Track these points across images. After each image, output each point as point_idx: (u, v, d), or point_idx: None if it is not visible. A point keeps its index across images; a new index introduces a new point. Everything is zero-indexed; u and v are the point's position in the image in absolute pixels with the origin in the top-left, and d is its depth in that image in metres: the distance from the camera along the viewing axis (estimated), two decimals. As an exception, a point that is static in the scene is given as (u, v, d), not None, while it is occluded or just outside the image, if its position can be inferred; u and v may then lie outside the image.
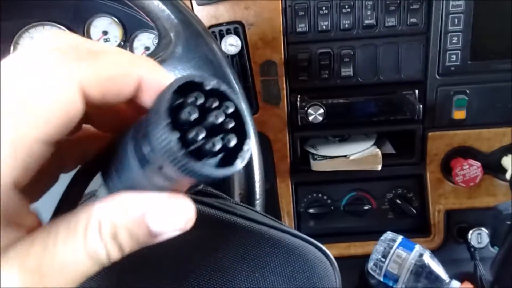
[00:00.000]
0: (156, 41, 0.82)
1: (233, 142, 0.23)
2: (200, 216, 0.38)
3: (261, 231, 0.39)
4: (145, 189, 0.23)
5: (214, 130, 0.23)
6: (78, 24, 0.85)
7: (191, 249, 0.38)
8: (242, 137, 0.24)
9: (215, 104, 0.23)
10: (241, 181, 0.48)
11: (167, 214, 0.23)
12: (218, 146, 0.22)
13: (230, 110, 0.23)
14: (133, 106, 0.25)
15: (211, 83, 0.23)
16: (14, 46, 0.84)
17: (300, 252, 0.38)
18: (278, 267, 0.37)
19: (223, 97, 0.24)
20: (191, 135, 0.21)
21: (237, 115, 0.24)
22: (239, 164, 0.23)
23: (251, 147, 0.23)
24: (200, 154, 0.22)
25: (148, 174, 0.23)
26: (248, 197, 0.49)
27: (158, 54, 0.48)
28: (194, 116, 0.22)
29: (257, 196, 0.49)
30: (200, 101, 0.23)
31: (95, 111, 0.24)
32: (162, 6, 0.48)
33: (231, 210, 0.39)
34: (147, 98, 0.24)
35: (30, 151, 0.21)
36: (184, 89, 0.23)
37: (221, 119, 0.23)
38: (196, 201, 0.39)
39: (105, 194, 0.27)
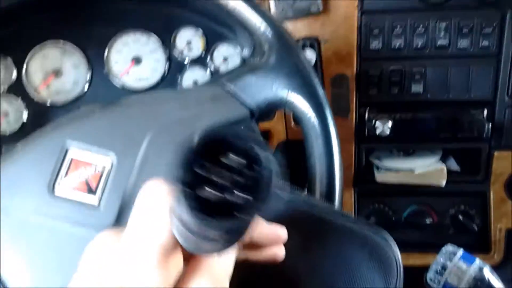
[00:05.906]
0: (239, 51, 0.89)
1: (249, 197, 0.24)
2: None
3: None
4: None
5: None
6: (166, 33, 0.92)
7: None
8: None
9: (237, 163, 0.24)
10: (322, 186, 0.53)
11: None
12: (239, 200, 0.23)
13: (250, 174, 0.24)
14: None
15: (240, 147, 0.24)
16: (108, 50, 0.91)
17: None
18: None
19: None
20: (207, 193, 0.23)
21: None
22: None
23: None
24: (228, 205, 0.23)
25: None
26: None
27: (252, 63, 0.55)
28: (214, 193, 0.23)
29: (337, 199, 0.53)
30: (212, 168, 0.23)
31: None
32: (260, 21, 0.54)
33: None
34: None
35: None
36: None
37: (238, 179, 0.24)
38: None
39: None
